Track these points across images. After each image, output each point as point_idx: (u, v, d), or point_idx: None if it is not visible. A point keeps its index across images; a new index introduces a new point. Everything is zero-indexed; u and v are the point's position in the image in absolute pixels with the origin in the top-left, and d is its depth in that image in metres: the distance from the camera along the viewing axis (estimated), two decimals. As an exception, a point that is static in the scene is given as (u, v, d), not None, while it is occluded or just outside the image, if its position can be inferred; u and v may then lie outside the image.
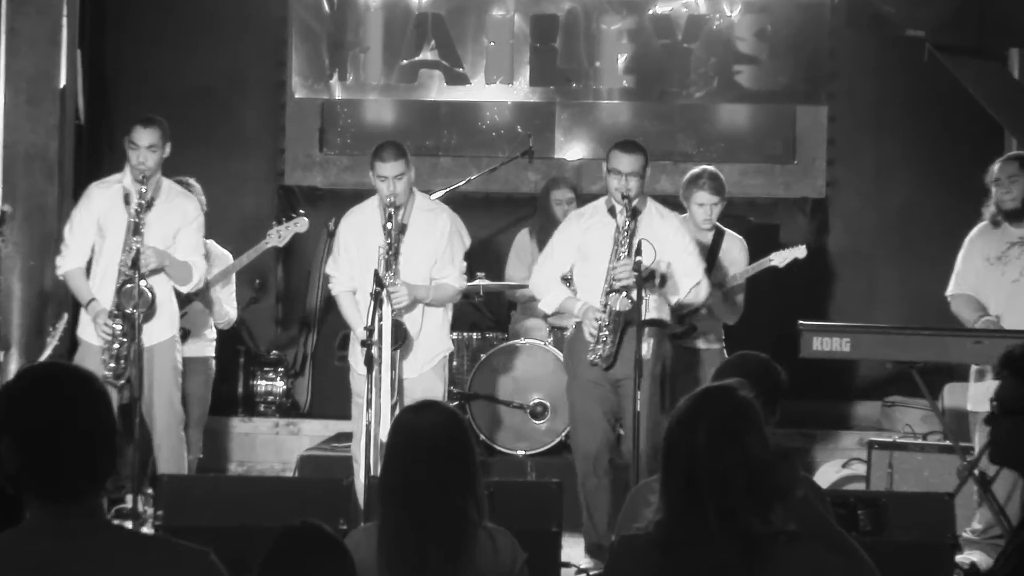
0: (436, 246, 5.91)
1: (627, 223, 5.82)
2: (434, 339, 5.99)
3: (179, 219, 6.10)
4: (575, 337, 6.04)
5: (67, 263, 6.12)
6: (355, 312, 5.91)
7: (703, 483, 2.51)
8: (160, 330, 6.10)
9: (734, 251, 6.73)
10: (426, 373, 5.94)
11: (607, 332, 5.77)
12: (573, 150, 8.99)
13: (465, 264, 6.10)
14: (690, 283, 5.99)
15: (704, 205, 6.51)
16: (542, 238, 7.57)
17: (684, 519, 2.53)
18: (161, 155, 6.02)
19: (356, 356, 5.84)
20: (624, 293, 5.69)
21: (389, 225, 5.74)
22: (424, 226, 5.90)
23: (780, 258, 6.64)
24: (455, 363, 7.50)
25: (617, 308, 5.73)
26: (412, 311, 5.90)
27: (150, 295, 5.95)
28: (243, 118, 8.85)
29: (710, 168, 6.64)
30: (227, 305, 6.94)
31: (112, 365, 5.97)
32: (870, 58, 8.67)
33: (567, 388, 6.18)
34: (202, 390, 6.75)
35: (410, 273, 5.83)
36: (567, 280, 6.12)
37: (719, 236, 6.73)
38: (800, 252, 6.65)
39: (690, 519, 2.52)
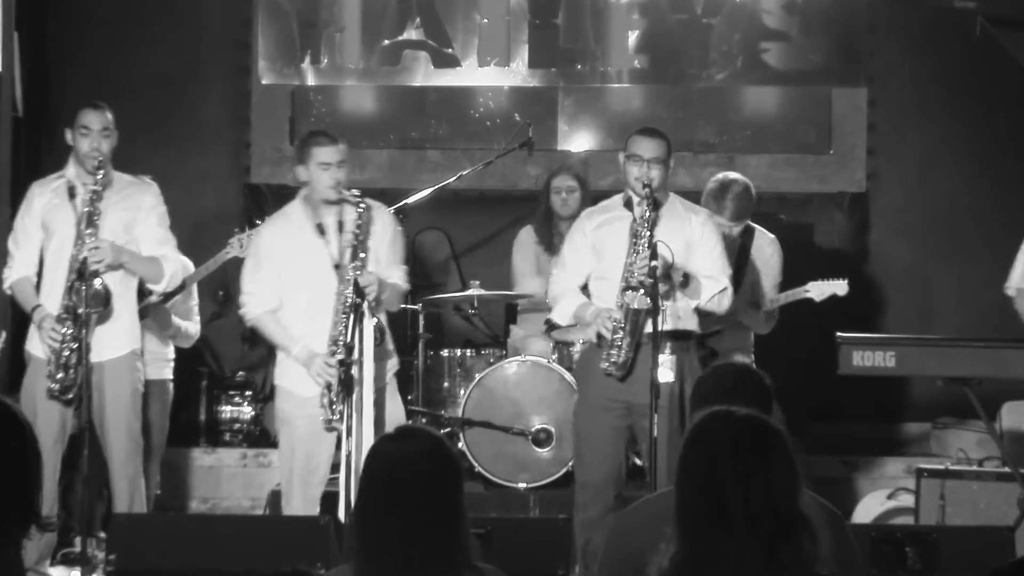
0: (380, 245, 5.89)
1: (647, 212, 5.82)
2: (390, 352, 5.99)
3: (134, 210, 6.12)
4: (586, 357, 6.05)
5: (14, 274, 6.15)
6: (283, 331, 5.85)
7: (730, 514, 2.57)
8: (116, 343, 6.08)
9: (766, 251, 6.78)
10: (381, 390, 5.85)
11: (622, 335, 5.75)
12: (578, 141, 9.02)
13: (406, 267, 6.09)
14: (714, 288, 5.96)
15: (722, 225, 6.52)
16: (543, 234, 7.64)
17: (708, 553, 2.55)
18: (113, 141, 6.06)
19: (291, 374, 5.82)
20: (643, 290, 5.68)
21: (358, 212, 5.73)
22: (373, 224, 5.91)
23: (817, 291, 6.67)
24: (445, 384, 7.53)
25: (635, 306, 5.71)
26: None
27: (104, 292, 5.92)
28: (203, 108, 8.84)
29: (738, 182, 6.67)
30: (188, 320, 6.96)
31: (59, 376, 5.93)
32: (915, 33, 8.70)
33: (575, 408, 6.20)
34: (159, 417, 6.73)
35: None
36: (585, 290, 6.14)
37: (748, 234, 6.77)
38: (841, 288, 6.68)
39: (714, 551, 2.55)
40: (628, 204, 5.98)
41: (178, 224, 6.44)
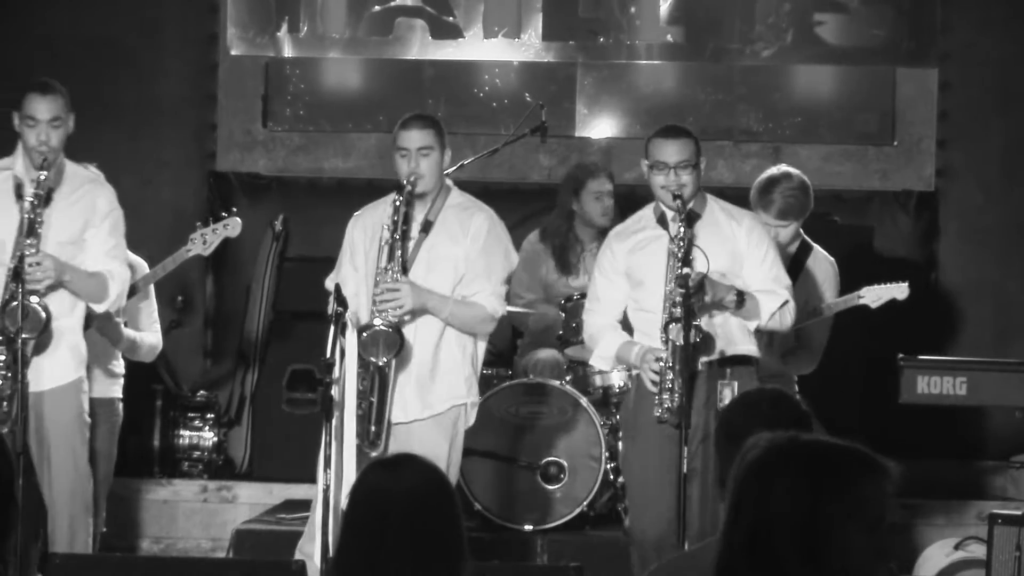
0: (466, 253, 5.95)
1: (681, 230, 5.81)
2: (450, 379, 5.97)
3: (88, 213, 6.11)
4: (635, 392, 6.02)
5: None
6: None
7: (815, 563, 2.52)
8: (61, 370, 6.09)
9: (818, 275, 6.73)
10: (426, 423, 5.90)
11: (672, 375, 5.71)
12: (600, 126, 9.04)
13: (506, 288, 6.12)
14: (773, 303, 5.93)
15: (768, 225, 6.46)
16: (563, 245, 7.68)
17: None
18: (66, 131, 6.05)
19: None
20: (679, 323, 5.65)
21: (400, 204, 5.82)
22: (454, 227, 5.98)
23: (873, 296, 6.64)
24: None
25: (680, 342, 5.65)
26: (422, 328, 5.92)
27: (43, 315, 5.91)
28: (161, 82, 8.83)
29: (792, 177, 6.64)
30: (147, 330, 6.93)
31: None
32: (995, 5, 8.76)
33: (623, 457, 6.22)
34: (105, 443, 6.71)
35: (429, 286, 5.91)
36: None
37: (804, 252, 6.75)
38: (900, 292, 6.66)
39: None
40: (662, 220, 5.98)
41: (132, 218, 6.43)
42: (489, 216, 6.06)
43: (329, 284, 5.94)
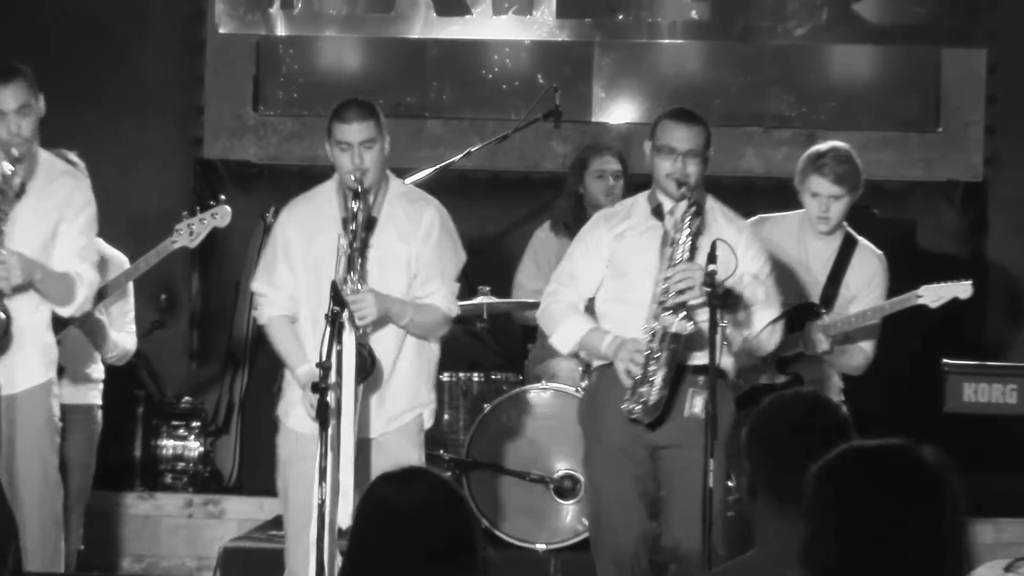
0: (419, 251, 5.97)
1: (688, 217, 5.81)
2: (410, 386, 6.03)
3: (63, 209, 6.09)
4: (598, 386, 6.04)
5: None
6: (295, 345, 5.99)
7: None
8: (28, 372, 6.08)
9: (867, 270, 6.64)
10: (392, 434, 5.96)
11: (656, 367, 5.73)
12: (618, 111, 9.05)
13: (458, 285, 6.15)
14: (767, 317, 5.97)
15: (820, 196, 6.46)
16: (572, 229, 7.65)
17: None
18: (37, 114, 6.02)
19: (292, 405, 5.95)
20: (684, 312, 5.65)
21: (355, 207, 5.81)
22: (402, 222, 5.98)
23: (933, 295, 6.50)
24: (446, 417, 7.49)
25: (674, 330, 5.66)
26: (383, 337, 5.94)
27: (3, 317, 5.95)
28: (144, 62, 8.84)
29: (842, 147, 6.59)
30: (121, 331, 6.92)
31: None
32: (1049, -21, 8.82)
33: (585, 460, 6.21)
34: (82, 453, 6.74)
35: (379, 287, 5.90)
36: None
37: (848, 246, 6.66)
38: (963, 291, 6.51)
39: None
40: (658, 211, 5.97)
41: (112, 210, 6.43)
42: (439, 209, 6.08)
43: (257, 286, 6.07)
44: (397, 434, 5.97)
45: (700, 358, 5.75)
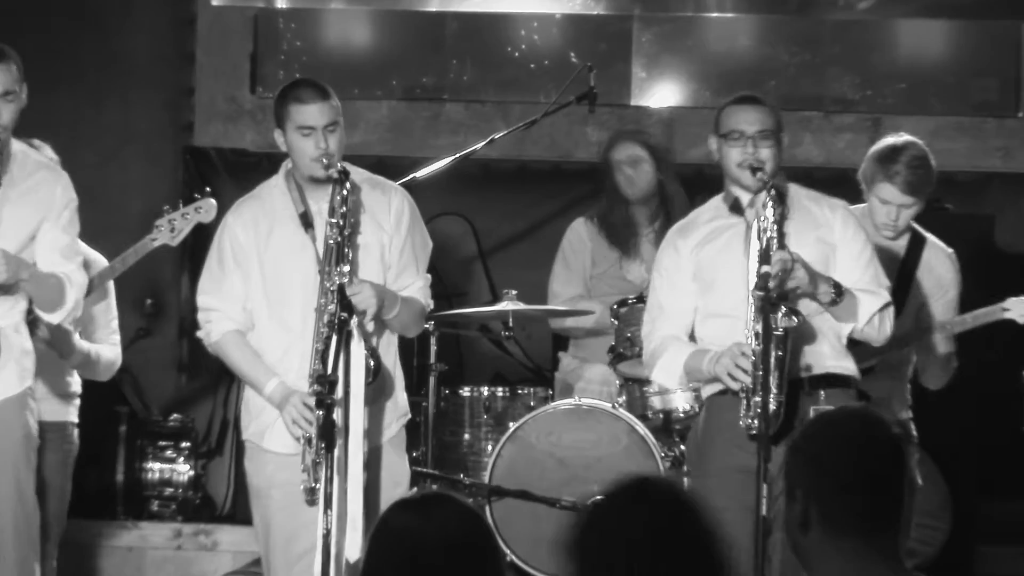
0: (391, 241, 6.01)
1: (769, 203, 5.70)
2: (394, 394, 6.09)
3: (46, 207, 6.06)
4: (708, 418, 5.95)
5: None
6: (256, 361, 5.98)
7: None
8: (2, 382, 6.05)
9: (938, 269, 6.68)
10: (384, 446, 5.99)
11: (766, 373, 5.59)
12: (660, 93, 9.11)
13: (430, 277, 6.20)
14: (874, 305, 5.84)
15: (889, 204, 6.48)
16: (609, 230, 7.69)
17: None
18: (19, 104, 6.02)
19: (269, 427, 5.93)
20: (783, 308, 5.52)
21: (342, 195, 5.77)
22: (371, 210, 5.99)
23: (1022, 309, 6.56)
24: (466, 436, 7.57)
25: (782, 328, 5.55)
26: (378, 336, 5.98)
27: None
28: (127, 39, 8.87)
29: (917, 147, 6.57)
30: (104, 341, 6.85)
31: None
32: None
33: (692, 486, 6.09)
34: (57, 476, 6.64)
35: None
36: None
37: (917, 244, 6.69)
38: None
39: None
40: (736, 207, 5.92)
41: (91, 204, 6.36)
42: (405, 195, 6.16)
43: (205, 300, 6.11)
44: (388, 446, 6.01)
45: (817, 367, 5.76)
